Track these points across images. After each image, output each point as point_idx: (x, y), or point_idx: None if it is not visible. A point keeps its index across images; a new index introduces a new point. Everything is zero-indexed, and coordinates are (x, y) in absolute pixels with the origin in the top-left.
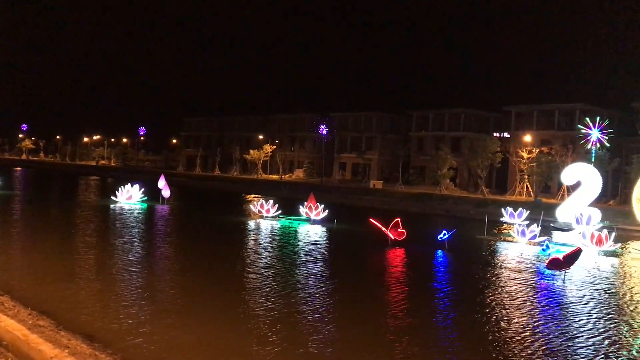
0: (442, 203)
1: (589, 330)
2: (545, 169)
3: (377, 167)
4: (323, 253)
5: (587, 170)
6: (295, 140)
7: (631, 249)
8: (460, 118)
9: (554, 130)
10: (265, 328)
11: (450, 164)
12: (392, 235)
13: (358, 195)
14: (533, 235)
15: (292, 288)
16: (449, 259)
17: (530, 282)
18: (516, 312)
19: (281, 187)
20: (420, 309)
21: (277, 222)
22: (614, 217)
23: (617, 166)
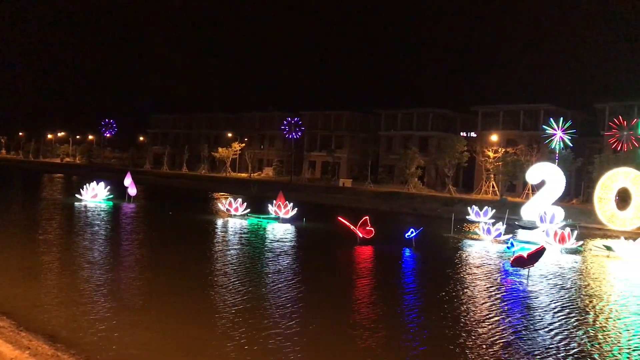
0: (410, 201)
1: (548, 324)
2: (510, 169)
3: (347, 166)
4: (291, 251)
5: (551, 170)
6: (264, 138)
7: (592, 246)
8: (429, 118)
9: (520, 130)
10: (228, 323)
11: (418, 163)
12: (360, 234)
13: (327, 193)
14: (498, 233)
15: (258, 285)
16: (416, 256)
17: (495, 279)
18: (479, 308)
19: (250, 186)
20: (385, 305)
21: (245, 220)
22: (577, 215)
23: (580, 166)
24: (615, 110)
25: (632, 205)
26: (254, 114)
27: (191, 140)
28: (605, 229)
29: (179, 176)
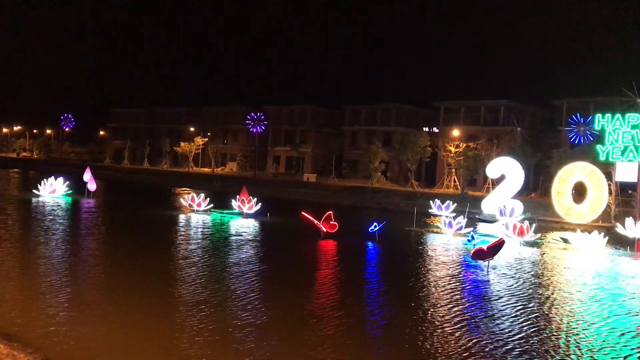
0: (374, 196)
1: (508, 312)
2: (471, 163)
3: (311, 161)
4: (254, 246)
5: (511, 164)
6: (228, 133)
7: (550, 239)
8: (392, 113)
9: (480, 125)
10: (187, 316)
11: (381, 157)
12: (324, 228)
13: (292, 188)
14: (459, 226)
15: (219, 279)
16: (379, 250)
17: (456, 271)
18: (442, 299)
19: (213, 181)
20: (347, 296)
21: (208, 215)
22: (535, 209)
23: (538, 160)
24: (573, 106)
25: (588, 199)
26: (217, 108)
27: (153, 135)
28: (563, 222)
29: (140, 171)
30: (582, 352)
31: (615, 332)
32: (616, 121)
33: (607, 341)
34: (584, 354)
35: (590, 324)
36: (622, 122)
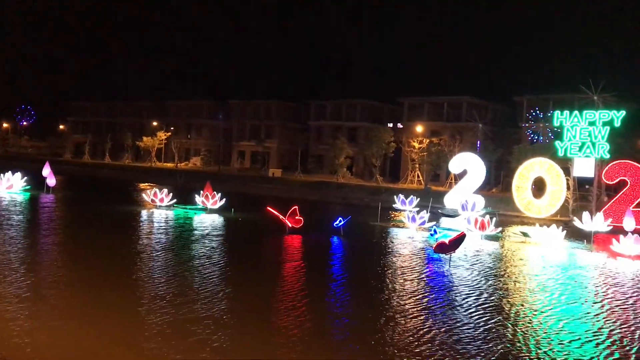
0: (339, 191)
1: (469, 302)
2: (434, 159)
3: (277, 156)
4: (218, 241)
5: (473, 160)
6: (191, 127)
7: (511, 232)
8: (357, 108)
9: (443, 121)
10: (149, 314)
11: (347, 153)
12: (289, 223)
13: (257, 183)
14: (422, 221)
15: (183, 276)
16: (343, 244)
17: (419, 264)
18: (406, 291)
19: (177, 176)
20: (312, 291)
21: (171, 211)
22: (496, 203)
23: (499, 156)
24: (533, 103)
25: (547, 194)
26: (181, 102)
27: (114, 129)
28: (523, 216)
29: (102, 166)
30: (527, 338)
31: (562, 319)
32: (574, 118)
33: (552, 328)
34: (529, 340)
35: (539, 312)
36: (579, 118)
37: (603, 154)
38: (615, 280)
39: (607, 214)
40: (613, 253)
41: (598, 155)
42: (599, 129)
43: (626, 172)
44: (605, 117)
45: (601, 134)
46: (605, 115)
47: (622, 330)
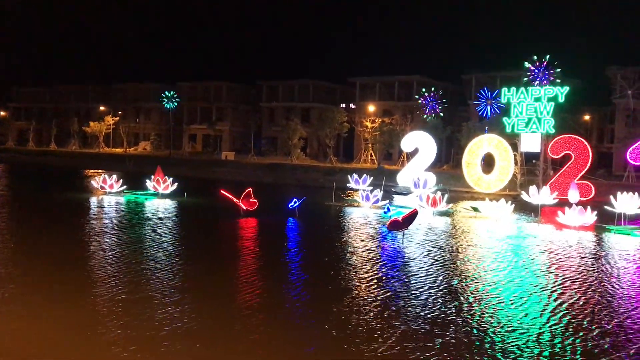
0: (294, 172)
1: (423, 277)
2: (387, 138)
3: (229, 138)
4: (171, 227)
5: (424, 138)
6: (140, 111)
7: (461, 208)
8: (309, 89)
9: (395, 101)
10: (102, 310)
11: (300, 134)
12: (243, 206)
13: (210, 167)
14: (376, 199)
15: (136, 266)
16: (299, 225)
17: (374, 242)
18: (362, 268)
19: (126, 161)
20: (267, 273)
21: (122, 197)
22: (447, 180)
23: (449, 134)
24: (481, 81)
25: (496, 169)
26: (128, 86)
27: (59, 115)
28: (473, 192)
29: (47, 153)
30: (476, 303)
31: (508, 286)
32: (520, 94)
33: (500, 294)
34: (478, 304)
35: (488, 281)
36: (525, 95)
37: (548, 129)
38: (560, 250)
39: (553, 187)
40: (559, 224)
41: (544, 131)
42: (544, 105)
43: (570, 146)
44: (550, 93)
45: (546, 109)
46: (550, 91)
47: (566, 293)
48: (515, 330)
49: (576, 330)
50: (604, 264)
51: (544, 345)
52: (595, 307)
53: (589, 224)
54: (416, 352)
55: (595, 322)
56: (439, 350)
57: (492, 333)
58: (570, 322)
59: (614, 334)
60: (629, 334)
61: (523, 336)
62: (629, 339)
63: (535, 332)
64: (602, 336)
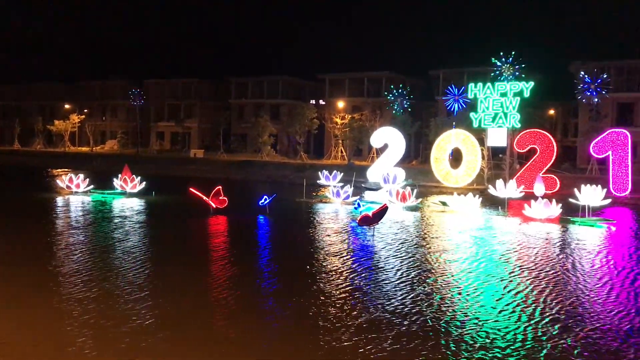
0: (264, 169)
1: (389, 270)
2: (357, 134)
3: (198, 136)
4: (140, 226)
5: (393, 134)
6: (106, 109)
7: (430, 202)
8: (279, 85)
9: (364, 97)
10: (66, 315)
11: (270, 131)
12: (213, 204)
13: (178, 165)
14: (347, 195)
15: (104, 267)
16: (269, 222)
17: (345, 238)
18: (332, 265)
19: (93, 160)
20: (238, 270)
21: (88, 197)
22: (416, 175)
23: (418, 129)
24: (448, 76)
25: (463, 164)
26: (94, 83)
27: (22, 113)
28: (441, 187)
29: (10, 152)
30: (445, 294)
31: (476, 277)
32: (487, 90)
33: (468, 285)
34: (446, 295)
35: (456, 273)
36: (492, 90)
37: (514, 124)
38: (524, 242)
39: (519, 181)
40: (525, 217)
41: (510, 125)
42: (510, 100)
43: (535, 140)
44: (516, 88)
45: (512, 104)
46: (516, 86)
47: (522, 283)
48: (470, 320)
49: (529, 318)
50: (564, 254)
51: (497, 334)
52: (549, 296)
53: (554, 217)
54: (373, 342)
55: (546, 310)
56: (394, 339)
57: (446, 323)
58: (523, 310)
59: (563, 320)
60: (577, 319)
61: (477, 325)
62: (577, 323)
63: (490, 321)
64: (553, 323)
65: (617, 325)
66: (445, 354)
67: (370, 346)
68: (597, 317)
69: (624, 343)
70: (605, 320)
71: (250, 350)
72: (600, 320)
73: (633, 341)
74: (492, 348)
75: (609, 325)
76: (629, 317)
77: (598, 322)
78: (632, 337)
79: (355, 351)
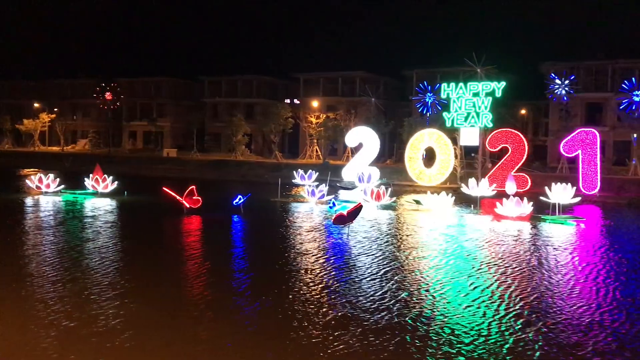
0: (238, 169)
1: (361, 267)
2: (331, 133)
3: (171, 135)
4: (111, 226)
5: (367, 133)
6: (77, 108)
7: (404, 201)
8: (253, 85)
9: (339, 96)
10: (38, 318)
11: (244, 130)
12: (187, 204)
13: (151, 164)
14: (322, 194)
15: (75, 269)
16: (244, 222)
17: (320, 237)
18: (304, 264)
19: (63, 160)
20: (213, 270)
21: (59, 197)
22: (390, 174)
23: (392, 129)
24: (421, 76)
25: (437, 163)
26: (65, 81)
27: None
28: (415, 186)
29: None
30: (418, 288)
31: (449, 273)
32: (459, 90)
33: (440, 280)
34: (421, 290)
35: (430, 268)
36: (464, 90)
37: (486, 123)
38: (496, 239)
39: (491, 179)
40: (497, 215)
41: (482, 125)
42: (482, 100)
43: (507, 139)
44: (488, 88)
45: (484, 104)
46: (488, 86)
47: (489, 279)
48: (437, 316)
49: (494, 314)
50: (531, 251)
51: (462, 329)
52: (514, 292)
53: (526, 215)
54: (341, 338)
55: (510, 306)
56: (361, 335)
57: (413, 320)
58: (488, 306)
59: (526, 315)
60: (539, 314)
61: (442, 321)
62: (539, 318)
63: (456, 316)
64: (516, 318)
65: (577, 319)
66: (411, 350)
67: (337, 342)
68: (559, 312)
69: (584, 336)
70: (567, 315)
71: (219, 349)
72: (562, 315)
73: (592, 334)
74: (457, 343)
75: (570, 319)
76: (590, 312)
77: (560, 316)
78: (591, 331)
79: (322, 347)
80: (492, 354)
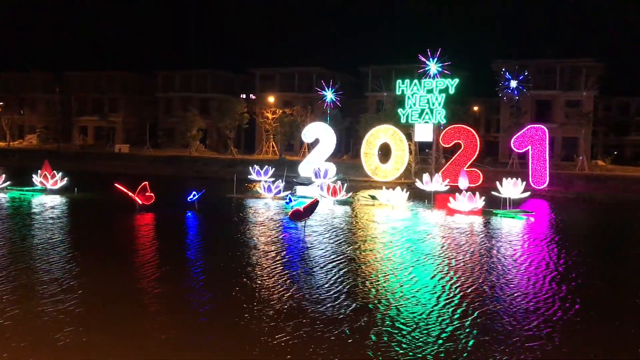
0: (193, 165)
1: (316, 261)
2: (288, 129)
3: (123, 130)
4: (61, 223)
5: (324, 129)
6: (24, 102)
7: (360, 197)
8: (207, 79)
9: (295, 92)
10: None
11: (199, 125)
12: (139, 200)
13: (103, 160)
14: (278, 190)
15: (22, 270)
16: (198, 219)
17: (276, 233)
18: (259, 259)
19: (10, 156)
20: (168, 269)
21: (5, 194)
22: (347, 170)
23: (348, 125)
24: (377, 73)
25: (392, 159)
26: (10, 75)
27: None
28: (371, 181)
29: None
30: (373, 280)
31: (402, 264)
32: (414, 86)
33: (394, 272)
34: (376, 282)
35: (384, 261)
36: (419, 87)
37: (440, 119)
38: (447, 232)
39: (444, 175)
40: (450, 210)
41: (436, 121)
42: (436, 97)
43: (460, 135)
44: (442, 85)
45: (438, 100)
46: (442, 83)
47: (438, 270)
48: (380, 306)
49: (434, 304)
50: (477, 244)
51: (402, 318)
52: (454, 283)
53: (478, 209)
54: (290, 328)
55: (450, 296)
56: (309, 326)
57: (354, 311)
58: (429, 297)
59: (464, 305)
60: (477, 304)
61: (384, 310)
62: (477, 307)
63: (398, 306)
64: (454, 307)
65: (514, 308)
66: (349, 342)
67: (282, 333)
68: (496, 301)
69: (518, 325)
70: (504, 304)
71: (175, 347)
72: (499, 304)
73: (526, 322)
74: (395, 332)
75: (507, 308)
76: (526, 300)
77: (496, 305)
78: (527, 319)
79: (269, 337)
80: (429, 344)
